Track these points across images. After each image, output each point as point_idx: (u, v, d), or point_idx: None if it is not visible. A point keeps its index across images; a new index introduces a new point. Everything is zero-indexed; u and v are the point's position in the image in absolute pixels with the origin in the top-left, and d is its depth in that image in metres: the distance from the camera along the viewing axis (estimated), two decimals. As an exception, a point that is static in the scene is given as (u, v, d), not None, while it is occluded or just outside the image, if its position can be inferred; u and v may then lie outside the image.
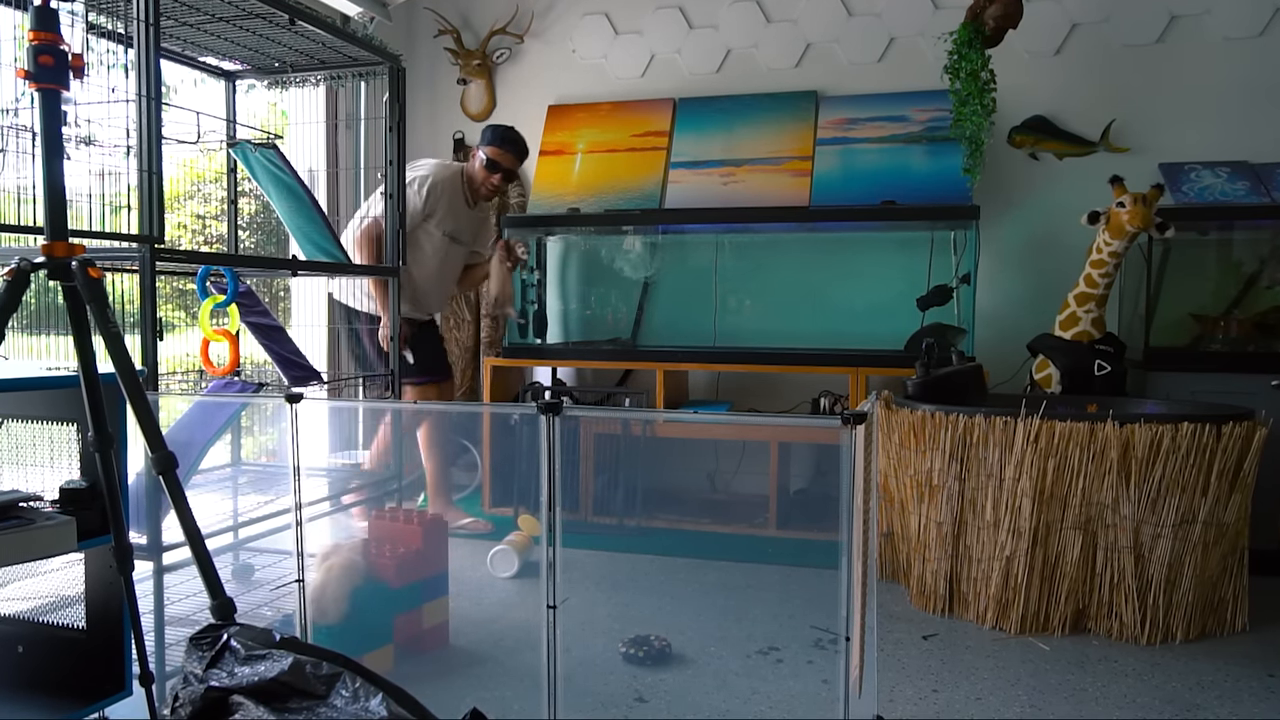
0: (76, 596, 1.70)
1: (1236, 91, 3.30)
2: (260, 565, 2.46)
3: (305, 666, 1.11)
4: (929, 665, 2.11)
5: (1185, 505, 2.22)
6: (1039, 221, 3.50)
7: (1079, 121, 3.45)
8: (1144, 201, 2.75)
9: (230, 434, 2.58)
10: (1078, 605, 2.32)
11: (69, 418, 1.64)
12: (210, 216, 3.16)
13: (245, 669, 1.14)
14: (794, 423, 3.46)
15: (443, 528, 2.19)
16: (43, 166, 1.33)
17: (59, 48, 1.31)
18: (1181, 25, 3.36)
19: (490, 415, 3.46)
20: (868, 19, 3.66)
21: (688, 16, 3.87)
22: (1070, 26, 3.46)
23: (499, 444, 3.48)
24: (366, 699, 1.08)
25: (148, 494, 1.76)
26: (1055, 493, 2.27)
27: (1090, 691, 1.98)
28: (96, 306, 1.36)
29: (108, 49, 2.00)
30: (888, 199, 3.26)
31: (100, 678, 1.66)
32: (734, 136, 3.64)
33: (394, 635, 2.03)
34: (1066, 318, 2.94)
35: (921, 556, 2.50)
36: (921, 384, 2.61)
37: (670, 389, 3.39)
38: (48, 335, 2.00)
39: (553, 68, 4.05)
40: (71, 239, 1.37)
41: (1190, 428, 2.19)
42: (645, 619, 2.38)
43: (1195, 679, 2.04)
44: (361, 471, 2.78)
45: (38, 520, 1.43)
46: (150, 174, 1.78)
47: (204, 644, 1.18)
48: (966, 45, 3.06)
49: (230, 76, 2.67)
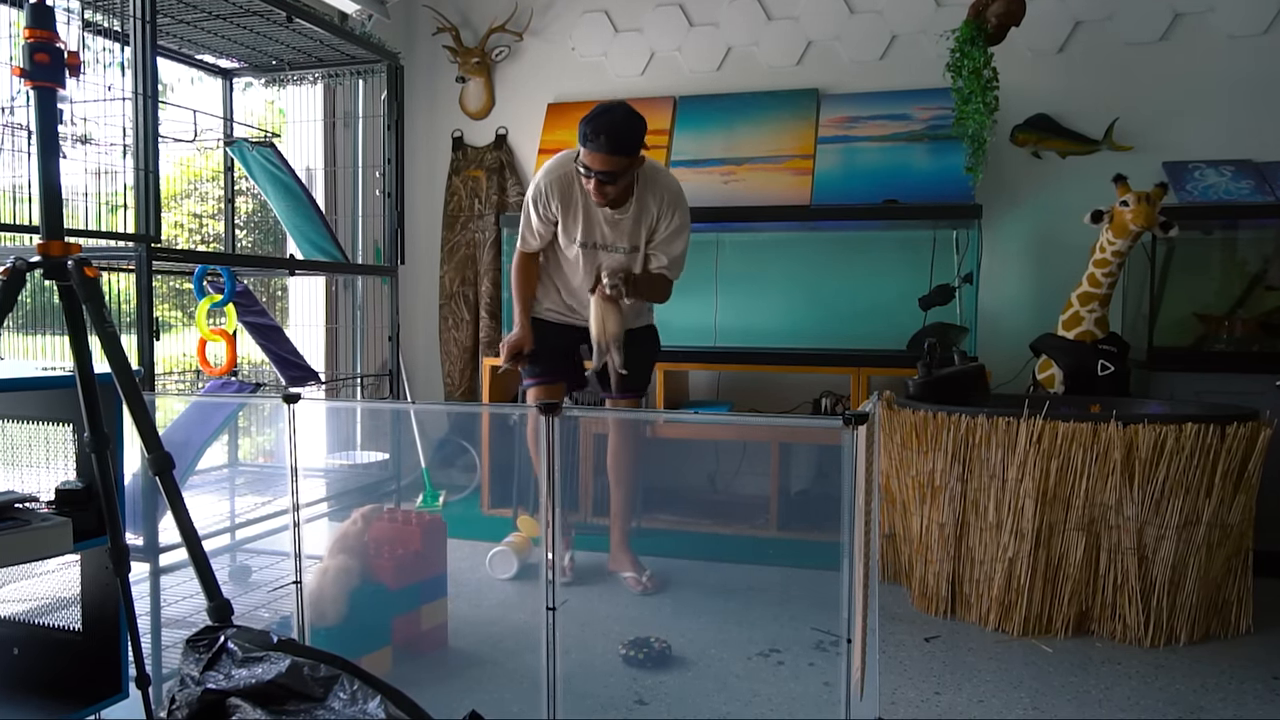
0: (72, 598, 1.69)
1: (1241, 89, 3.28)
2: (257, 567, 2.45)
3: (303, 669, 1.10)
4: (931, 667, 2.10)
5: (1189, 506, 2.21)
6: (1042, 220, 3.48)
7: (1082, 120, 3.43)
8: (1148, 200, 2.74)
9: (227, 434, 2.57)
10: (1081, 607, 2.30)
11: (65, 418, 1.62)
12: (207, 215, 3.15)
13: (242, 671, 1.13)
14: (795, 423, 3.44)
15: (441, 529, 2.17)
16: (38, 165, 1.32)
17: (55, 45, 1.30)
18: (1185, 23, 3.34)
19: (489, 416, 3.45)
20: (869, 16, 3.64)
21: (688, 14, 3.85)
22: (1073, 24, 3.44)
23: (498, 444, 3.47)
24: (364, 701, 1.07)
25: (144, 495, 1.75)
26: (1058, 494, 2.26)
27: (1094, 694, 1.97)
28: (92, 306, 1.35)
29: (104, 46, 1.99)
30: (890, 198, 3.24)
31: (96, 680, 1.64)
32: (735, 135, 3.63)
33: (392, 637, 2.02)
34: (1069, 317, 2.93)
35: (923, 558, 2.48)
36: (923, 384, 2.60)
37: (670, 389, 3.38)
38: (43, 335, 1.99)
39: (552, 66, 4.04)
40: (67, 238, 1.36)
41: (1194, 428, 2.18)
42: (645, 621, 2.37)
43: (1199, 681, 2.03)
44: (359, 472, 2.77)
45: (33, 521, 1.42)
46: (147, 172, 1.77)
47: (201, 646, 1.17)
48: (969, 43, 3.05)
49: (227, 74, 2.66)
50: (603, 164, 2.30)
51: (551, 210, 2.49)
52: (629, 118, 2.33)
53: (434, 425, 3.66)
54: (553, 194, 2.47)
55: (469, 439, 3.71)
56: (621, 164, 2.31)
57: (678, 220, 2.48)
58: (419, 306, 4.17)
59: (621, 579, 2.67)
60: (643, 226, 2.48)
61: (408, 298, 3.90)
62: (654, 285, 2.53)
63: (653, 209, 2.47)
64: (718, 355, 3.51)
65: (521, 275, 2.61)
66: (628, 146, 2.30)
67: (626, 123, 2.32)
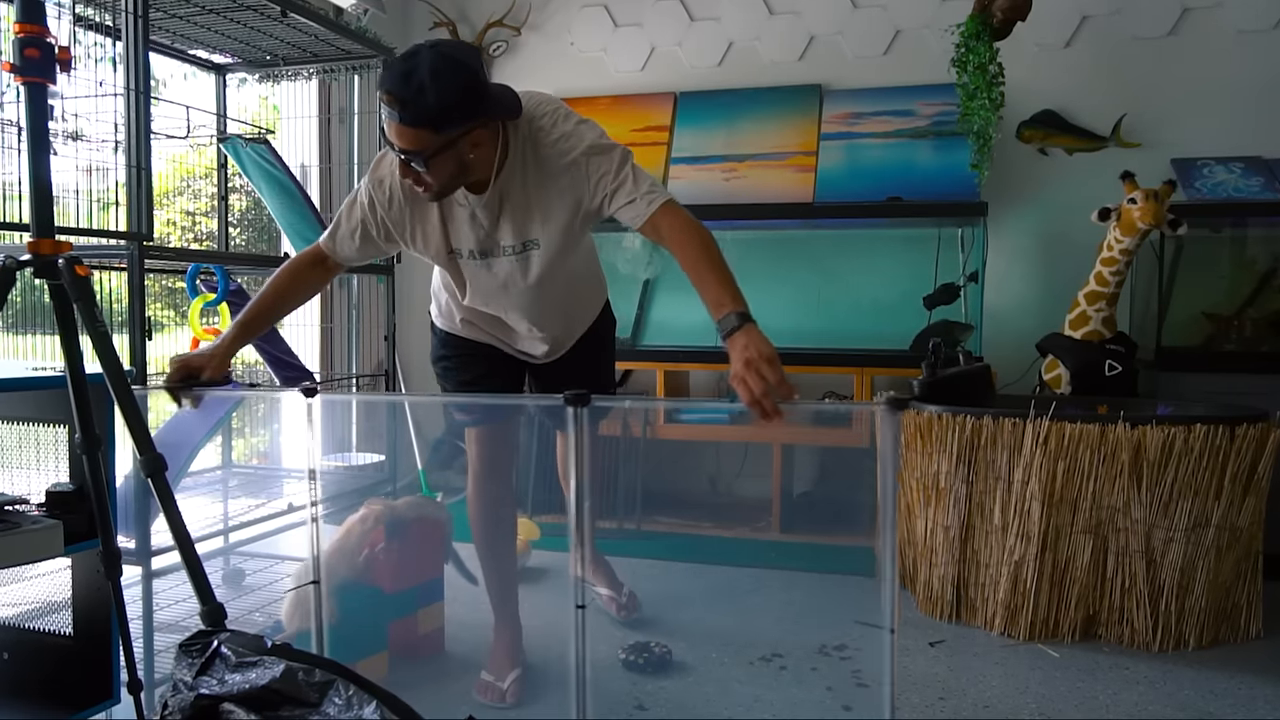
0: (63, 602, 1.67)
1: (1250, 85, 3.25)
2: (251, 570, 2.42)
3: (297, 674, 1.09)
4: (936, 672, 2.07)
5: (1198, 509, 2.18)
6: (1048, 218, 3.45)
7: (1089, 116, 3.40)
8: (1156, 198, 2.71)
9: (221, 436, 2.54)
10: (1088, 611, 2.27)
11: (56, 419, 1.61)
12: (200, 213, 3.11)
13: (236, 676, 1.11)
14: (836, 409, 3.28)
15: (440, 530, 2.15)
16: (29, 162, 1.30)
17: (45, 40, 1.28)
18: (1194, 18, 3.31)
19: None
20: (873, 11, 3.61)
21: (689, 9, 3.82)
22: (1080, 19, 3.40)
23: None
24: (360, 707, 1.06)
25: (136, 497, 1.73)
26: (1065, 496, 2.23)
27: (1101, 699, 1.94)
28: (84, 305, 1.33)
29: (95, 41, 1.96)
30: (893, 195, 3.21)
31: (88, 686, 1.62)
32: (736, 131, 3.59)
33: (388, 642, 1.99)
34: (1076, 317, 2.90)
35: (928, 561, 2.46)
36: (928, 384, 2.57)
37: (671, 389, 3.35)
38: (34, 335, 1.97)
39: (551, 61, 4.00)
40: (58, 236, 1.34)
41: (1203, 429, 2.15)
42: (646, 625, 2.34)
43: (1208, 687, 2.00)
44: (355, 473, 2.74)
45: (23, 524, 1.41)
46: (139, 170, 1.75)
47: (194, 651, 1.15)
48: (974, 38, 3.01)
49: (221, 70, 2.63)
50: (399, 137, 1.46)
51: (392, 210, 1.65)
52: (439, 73, 1.43)
53: (431, 426, 3.63)
54: (401, 185, 1.62)
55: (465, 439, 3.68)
56: (427, 141, 1.46)
57: (604, 163, 1.61)
58: (416, 306, 4.13)
59: (596, 594, 2.33)
60: (533, 211, 1.65)
61: (404, 297, 3.88)
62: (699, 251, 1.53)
63: (547, 189, 1.63)
64: (719, 355, 3.48)
65: (284, 277, 1.69)
66: (434, 117, 1.44)
67: (435, 80, 1.42)
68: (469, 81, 1.48)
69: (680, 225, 1.57)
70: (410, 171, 1.52)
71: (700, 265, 1.50)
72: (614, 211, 1.61)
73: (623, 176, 1.60)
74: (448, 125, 1.46)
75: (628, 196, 1.58)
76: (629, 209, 1.58)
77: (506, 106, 1.60)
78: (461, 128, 1.48)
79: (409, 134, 1.45)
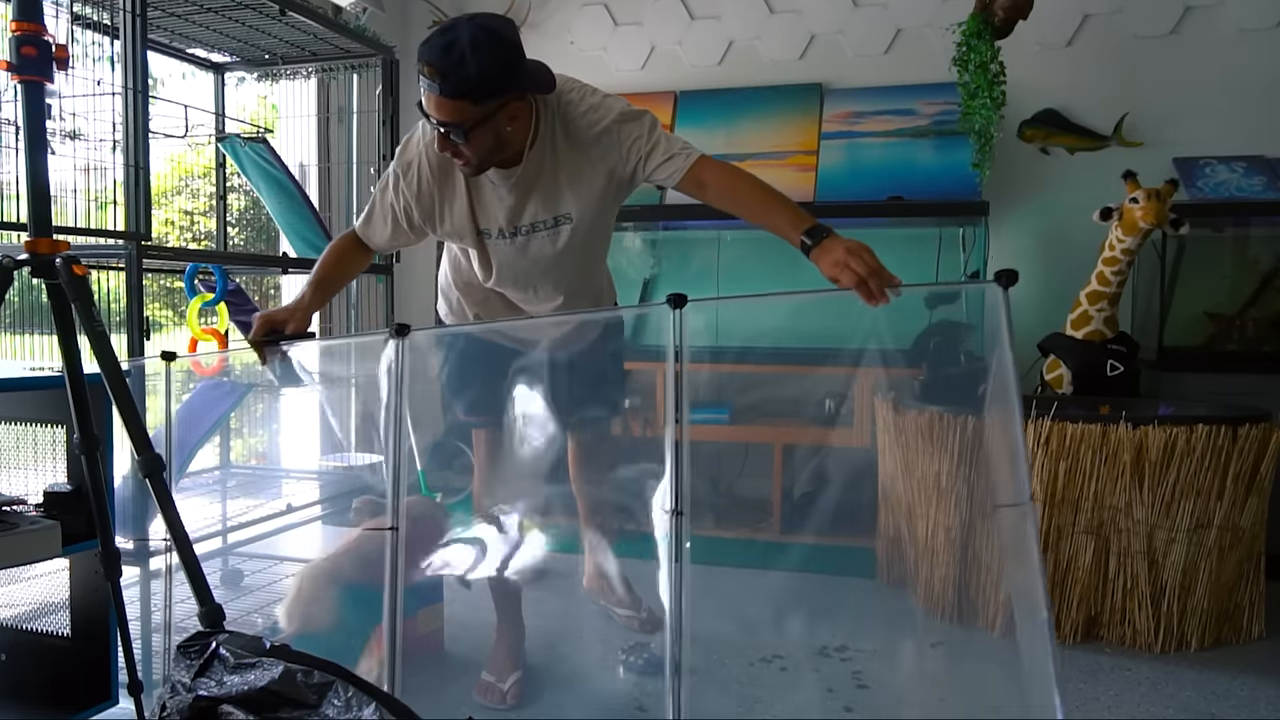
0: (61, 603, 1.67)
1: (1253, 84, 3.24)
2: (250, 571, 2.41)
3: (296, 675, 1.09)
4: (936, 674, 2.07)
5: (1200, 509, 2.17)
6: (1050, 218, 3.44)
7: (1091, 115, 3.38)
8: (1158, 197, 2.70)
9: (219, 436, 2.54)
10: (1089, 612, 2.27)
11: (53, 419, 1.60)
12: (198, 212, 3.11)
13: (235, 678, 1.11)
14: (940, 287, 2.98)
15: (440, 531, 2.14)
16: (26, 161, 1.30)
17: (43, 39, 1.28)
18: (1196, 16, 3.30)
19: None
20: (874, 10, 3.60)
21: (689, 7, 3.81)
22: (1082, 17, 3.39)
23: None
24: (359, 709, 1.06)
25: (134, 498, 1.72)
26: (1066, 496, 2.22)
27: (1103, 700, 1.93)
28: (81, 305, 1.33)
29: (93, 40, 1.96)
30: (894, 194, 3.21)
31: (86, 687, 1.62)
32: (736, 130, 3.59)
33: (389, 642, 1.98)
34: (1078, 316, 2.89)
35: (929, 561, 2.45)
36: (930, 384, 2.56)
37: (672, 388, 3.34)
38: (31, 335, 1.96)
39: (551, 60, 3.88)
40: (56, 235, 1.34)
41: (1205, 429, 2.14)
42: (646, 625, 2.33)
43: (1210, 688, 2.00)
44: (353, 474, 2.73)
45: (21, 524, 1.40)
46: (137, 169, 1.74)
47: (192, 652, 1.15)
48: (975, 36, 3.00)
49: (219, 69, 2.62)
50: (438, 110, 1.47)
51: (421, 193, 1.65)
52: (478, 45, 1.43)
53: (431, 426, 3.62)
54: (430, 167, 1.62)
55: (465, 440, 3.68)
56: (466, 113, 1.46)
57: (635, 128, 1.64)
58: (415, 306, 4.13)
59: (613, 614, 2.28)
60: (564, 186, 1.64)
61: (404, 297, 3.87)
62: (751, 190, 1.63)
63: (578, 161, 1.63)
64: (718, 355, 3.47)
65: (331, 257, 1.73)
66: (474, 88, 1.44)
67: (475, 52, 1.42)
68: (508, 54, 1.50)
69: (724, 173, 1.65)
70: (449, 144, 1.51)
71: (760, 203, 1.57)
72: (650, 173, 1.64)
73: (655, 138, 1.64)
74: (487, 97, 1.47)
75: (664, 154, 1.63)
76: (666, 166, 1.63)
77: (542, 80, 1.61)
78: (500, 99, 1.49)
79: (448, 106, 1.45)
